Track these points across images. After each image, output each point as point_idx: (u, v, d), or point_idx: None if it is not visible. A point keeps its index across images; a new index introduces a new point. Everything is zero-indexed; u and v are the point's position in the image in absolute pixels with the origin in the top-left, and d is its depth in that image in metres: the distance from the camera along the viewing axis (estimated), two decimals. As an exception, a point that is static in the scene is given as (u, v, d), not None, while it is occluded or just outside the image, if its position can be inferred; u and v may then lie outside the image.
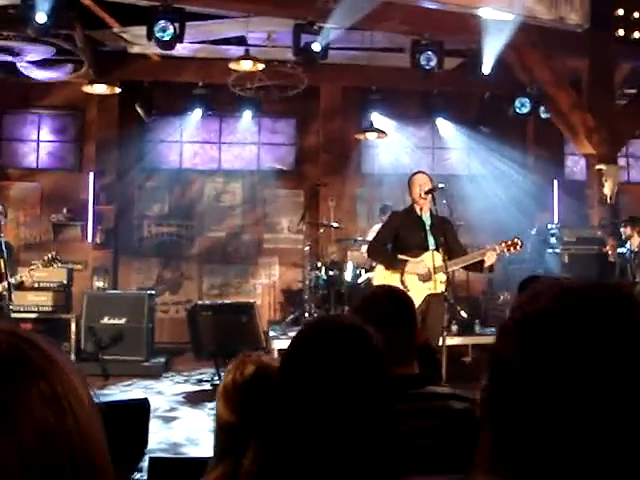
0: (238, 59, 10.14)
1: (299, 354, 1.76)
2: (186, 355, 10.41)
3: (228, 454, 2.07)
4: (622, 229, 9.81)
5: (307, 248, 10.31)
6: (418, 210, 6.96)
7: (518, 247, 6.83)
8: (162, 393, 8.76)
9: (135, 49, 11.23)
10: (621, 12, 10.06)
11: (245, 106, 12.00)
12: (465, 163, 13.12)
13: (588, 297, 1.05)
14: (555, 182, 12.21)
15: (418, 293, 6.64)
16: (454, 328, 9.58)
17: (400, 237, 6.95)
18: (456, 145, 12.94)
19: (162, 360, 10.15)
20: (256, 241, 12.62)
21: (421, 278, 6.76)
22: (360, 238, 10.39)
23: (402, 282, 6.72)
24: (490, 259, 6.69)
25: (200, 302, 10.26)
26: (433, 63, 9.84)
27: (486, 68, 9.98)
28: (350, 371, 1.69)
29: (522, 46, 9.98)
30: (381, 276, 6.89)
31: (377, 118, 11.96)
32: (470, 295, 11.06)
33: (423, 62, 9.84)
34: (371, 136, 11.93)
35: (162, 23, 8.61)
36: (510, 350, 1.04)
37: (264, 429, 1.86)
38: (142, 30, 9.12)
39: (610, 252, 9.84)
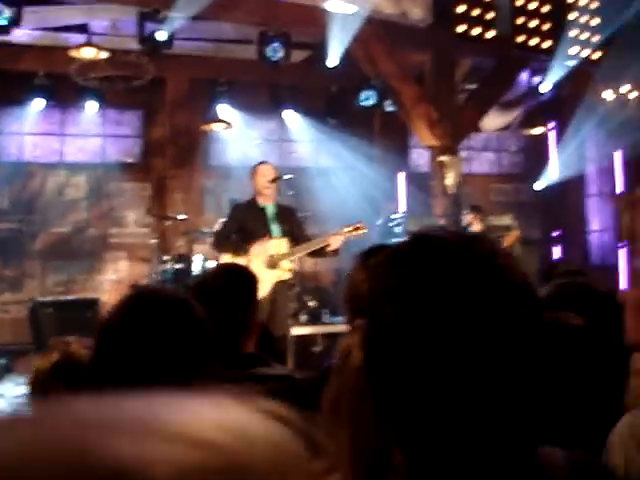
0: (80, 47, 9.81)
1: (116, 327, 1.68)
2: (29, 356, 10.00)
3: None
4: (464, 217, 10.16)
5: (154, 241, 10.12)
6: (261, 200, 6.98)
7: (361, 230, 6.96)
8: (3, 396, 8.37)
9: (-31, 35, 10.68)
10: (462, 9, 10.35)
11: (89, 97, 11.60)
12: (313, 155, 13.21)
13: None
14: (401, 173, 12.47)
15: (265, 280, 6.65)
16: (303, 318, 9.64)
17: (244, 228, 6.95)
18: (304, 137, 13.00)
19: (2, 362, 9.71)
20: (102, 236, 12.25)
21: (267, 265, 6.75)
22: (207, 230, 10.28)
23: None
24: (334, 243, 6.79)
25: (41, 299, 9.88)
26: (280, 55, 9.85)
27: (332, 61, 10.07)
28: (172, 343, 1.62)
29: (367, 39, 10.12)
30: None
31: (224, 110, 11.87)
32: (319, 285, 11.17)
33: (270, 54, 9.84)
34: (218, 127, 11.81)
35: (-3, 6, 8.23)
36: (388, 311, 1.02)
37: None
38: (-25, 14, 8.67)
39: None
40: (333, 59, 10.03)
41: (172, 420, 0.47)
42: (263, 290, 6.65)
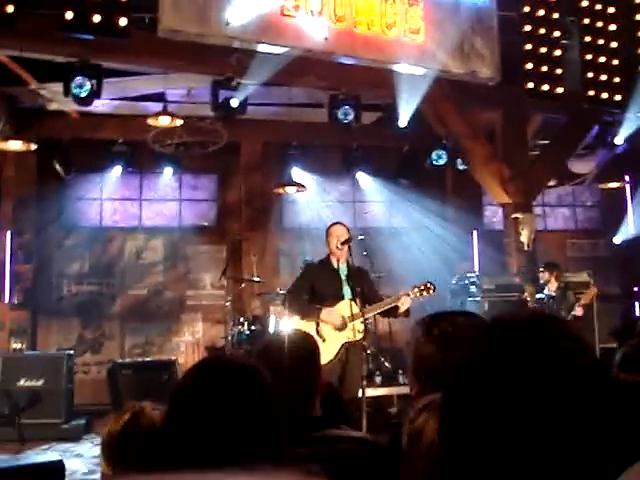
0: (156, 115, 10.11)
1: (186, 394, 1.72)
2: (108, 417, 10.13)
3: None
4: (540, 274, 10.02)
5: (228, 303, 10.24)
6: (334, 261, 7.02)
7: (430, 291, 6.93)
8: (81, 455, 8.50)
9: (53, 106, 11.12)
10: (530, 66, 10.38)
11: (165, 162, 11.94)
12: (386, 215, 13.28)
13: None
14: (474, 232, 12.42)
15: (334, 342, 6.67)
16: (378, 379, 9.58)
17: (315, 288, 6.98)
18: (376, 198, 13.09)
19: (82, 422, 9.86)
20: (178, 298, 12.47)
21: (336, 327, 6.76)
22: (282, 292, 10.36)
23: (317, 332, 6.72)
24: (405, 304, 6.77)
25: (120, 360, 10.06)
26: (351, 117, 9.97)
27: (403, 121, 10.15)
28: (240, 409, 1.66)
29: (437, 99, 10.20)
30: (297, 326, 6.87)
31: (297, 172, 12.03)
32: (393, 346, 11.09)
33: (341, 117, 9.96)
34: (291, 190, 11.96)
35: (79, 79, 8.54)
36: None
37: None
38: (59, 87, 9.03)
39: (529, 298, 10.01)
40: (403, 120, 10.11)
41: None
42: (333, 351, 6.66)
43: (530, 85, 10.33)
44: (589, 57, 10.86)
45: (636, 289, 13.07)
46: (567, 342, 1.10)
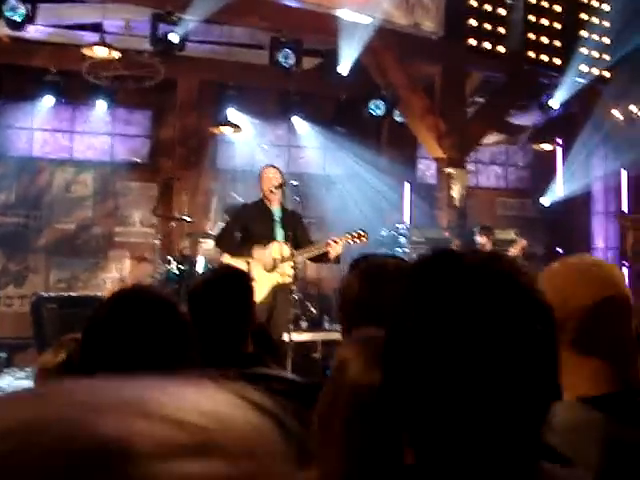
0: (92, 45, 9.86)
1: (99, 324, 1.71)
2: (29, 350, 10.02)
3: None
4: (477, 237, 10.12)
5: (158, 242, 10.16)
6: (268, 203, 7.01)
7: (363, 239, 6.98)
8: (2, 389, 8.41)
9: (-18, 29, 10.74)
10: (474, 22, 10.40)
11: (99, 95, 11.62)
12: (320, 162, 13.25)
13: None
14: (407, 184, 12.51)
15: (264, 284, 6.70)
16: (303, 324, 9.65)
17: (248, 229, 6.99)
18: (312, 144, 13.05)
19: (3, 355, 9.74)
20: (107, 234, 12.28)
21: (267, 268, 6.78)
22: (212, 232, 10.31)
23: (247, 271, 6.75)
24: (335, 250, 6.81)
25: (44, 294, 9.90)
26: (291, 61, 9.88)
27: (343, 69, 10.10)
28: (154, 341, 1.65)
29: (378, 49, 10.18)
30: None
31: (233, 114, 11.90)
32: (321, 292, 11.18)
33: (281, 60, 9.87)
34: (226, 131, 11.85)
35: (12, 2, 8.26)
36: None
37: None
38: (-10, 9, 8.71)
39: (456, 252, 10.16)
40: (344, 67, 10.07)
41: (154, 401, 0.52)
42: (262, 293, 6.69)
43: (472, 42, 10.37)
44: (532, 18, 10.93)
45: (559, 250, 13.39)
46: (520, 278, 1.10)
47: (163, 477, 0.47)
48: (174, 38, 9.18)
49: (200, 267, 9.76)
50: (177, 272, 9.83)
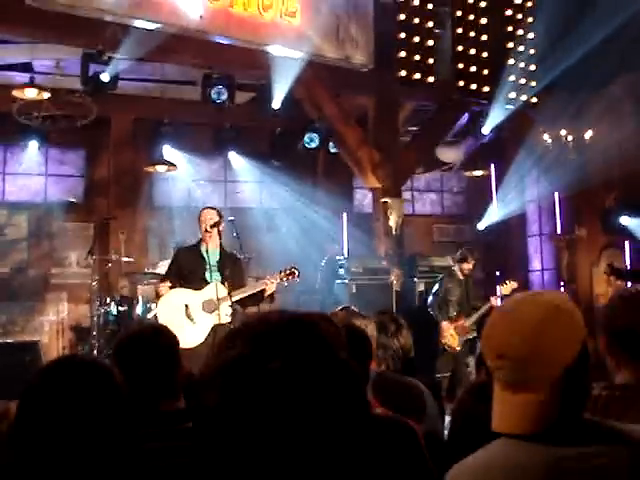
0: (23, 87, 9.76)
1: (35, 391, 1.71)
2: (-35, 398, 9.77)
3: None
4: (466, 262, 9.92)
5: (95, 283, 10.03)
6: (204, 246, 7.04)
7: (295, 276, 7.07)
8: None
9: None
10: (403, 54, 10.56)
11: (31, 136, 11.48)
12: (257, 196, 13.28)
13: (279, 339, 1.13)
14: (344, 214, 12.59)
15: (204, 325, 6.70)
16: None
17: (183, 272, 7.00)
18: (248, 178, 13.07)
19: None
20: (43, 276, 12.09)
21: (206, 309, 6.79)
22: (150, 272, 10.22)
23: (187, 315, 6.74)
24: (269, 288, 6.91)
25: (-20, 341, 9.69)
26: (224, 97, 9.90)
27: (276, 103, 10.15)
28: (89, 407, 1.66)
29: (310, 83, 10.26)
30: (164, 310, 6.85)
31: (168, 151, 11.84)
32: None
33: (214, 96, 9.88)
34: (161, 169, 11.79)
35: (-63, 45, 8.15)
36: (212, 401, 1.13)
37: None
38: None
39: (395, 281, 10.25)
40: (277, 101, 10.11)
41: None
42: (203, 333, 6.68)
43: (403, 73, 10.52)
44: (460, 48, 11.16)
45: (497, 273, 13.56)
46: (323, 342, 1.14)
47: None
48: (105, 77, 9.12)
49: (139, 307, 9.66)
50: (115, 313, 9.72)
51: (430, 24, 10.83)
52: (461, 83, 11.17)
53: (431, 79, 10.69)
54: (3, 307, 11.80)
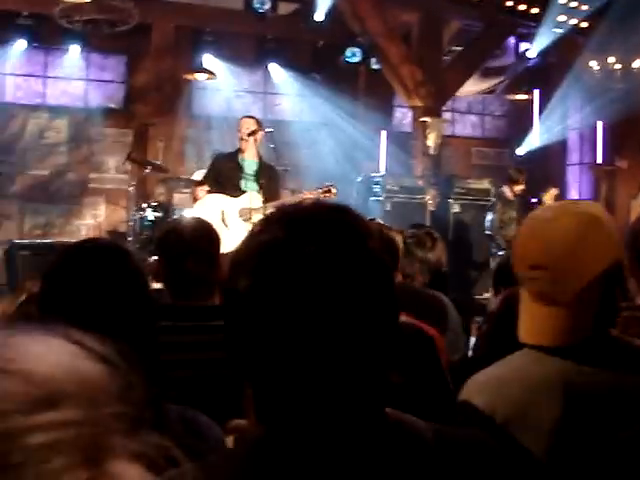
0: (66, -12, 9.70)
1: (57, 272, 1.74)
2: (2, 297, 9.97)
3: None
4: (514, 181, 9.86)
5: (132, 188, 10.11)
6: (240, 155, 7.04)
7: (332, 194, 7.04)
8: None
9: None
10: (452, -31, 10.33)
11: (73, 40, 11.44)
12: (296, 110, 13.17)
13: (314, 224, 1.12)
14: (383, 132, 12.48)
15: (238, 232, 6.74)
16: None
17: (220, 179, 7.03)
18: (288, 91, 12.94)
19: (-24, 301, 9.69)
20: (81, 180, 12.20)
21: (241, 216, 6.83)
22: (187, 179, 10.26)
23: (223, 220, 6.79)
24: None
25: (18, 241, 9.85)
26: (267, 7, 9.79)
27: (319, 15, 10.01)
28: (109, 290, 1.69)
29: (355, -5, 10.09)
30: (201, 212, 6.90)
31: (209, 60, 11.76)
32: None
33: (257, 5, 9.77)
34: (201, 77, 11.73)
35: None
36: (244, 284, 1.11)
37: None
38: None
39: (430, 201, 10.21)
40: (320, 13, 9.97)
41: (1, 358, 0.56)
42: (235, 241, 6.72)
43: (450, -11, 10.31)
44: (511, -33, 10.86)
45: (534, 200, 13.46)
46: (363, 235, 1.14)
47: (20, 432, 0.52)
48: (148, -18, 9.04)
49: (175, 214, 9.74)
50: (152, 219, 9.81)
51: (482, -61, 10.55)
52: (509, 3, 10.89)
53: (479, -3, 10.47)
54: (42, 209, 11.98)
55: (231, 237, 6.75)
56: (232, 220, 6.83)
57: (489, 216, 9.75)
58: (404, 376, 2.29)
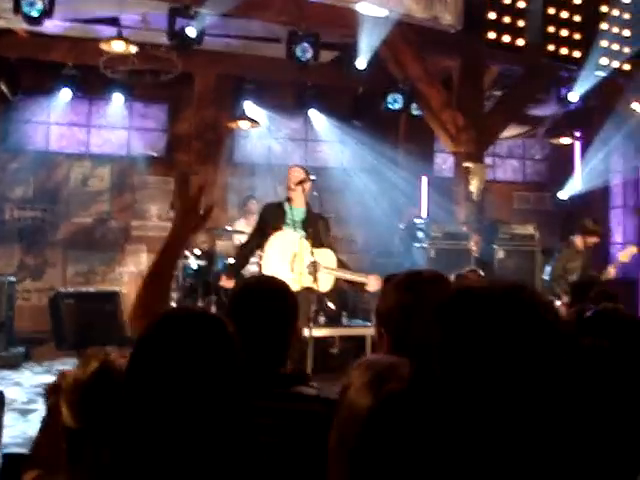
0: (110, 40, 9.84)
1: (148, 344, 1.69)
2: (47, 345, 10.03)
3: (70, 460, 1.96)
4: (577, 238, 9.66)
5: (175, 237, 10.15)
6: (287, 203, 7.00)
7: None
8: (20, 384, 8.41)
9: (0, 24, 10.71)
10: (493, 16, 10.29)
11: (116, 89, 11.68)
12: (338, 156, 13.21)
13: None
14: (424, 178, 12.45)
15: (299, 281, 6.66)
16: (322, 320, 9.62)
17: (264, 230, 6.97)
18: (329, 138, 13.00)
19: (21, 350, 9.74)
20: (123, 228, 12.31)
21: (309, 268, 6.68)
22: (230, 228, 10.29)
23: (290, 263, 6.73)
24: (373, 286, 6.71)
25: (63, 289, 9.93)
26: (309, 55, 9.82)
27: (361, 63, 10.04)
28: (203, 360, 1.63)
29: (396, 43, 10.11)
30: (270, 260, 6.77)
31: (250, 107, 11.87)
32: (338, 287, 11.14)
33: (299, 53, 9.80)
34: (244, 125, 11.83)
35: (30, -3, 8.25)
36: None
37: (112, 434, 1.74)
38: (9, 3, 8.70)
39: (474, 248, 10.11)
40: (361, 61, 10.00)
41: None
42: (294, 288, 6.59)
43: (491, 35, 10.25)
44: (552, 11, 10.80)
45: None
46: (545, 312, 1.13)
47: None
48: (191, 32, 9.14)
49: (218, 263, 9.75)
50: (195, 267, 9.84)
51: (522, -15, 10.53)
52: (551, 47, 10.82)
53: (520, 42, 10.39)
54: (85, 256, 12.08)
55: (291, 282, 6.62)
56: (299, 267, 6.72)
57: (550, 263, 9.49)
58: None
